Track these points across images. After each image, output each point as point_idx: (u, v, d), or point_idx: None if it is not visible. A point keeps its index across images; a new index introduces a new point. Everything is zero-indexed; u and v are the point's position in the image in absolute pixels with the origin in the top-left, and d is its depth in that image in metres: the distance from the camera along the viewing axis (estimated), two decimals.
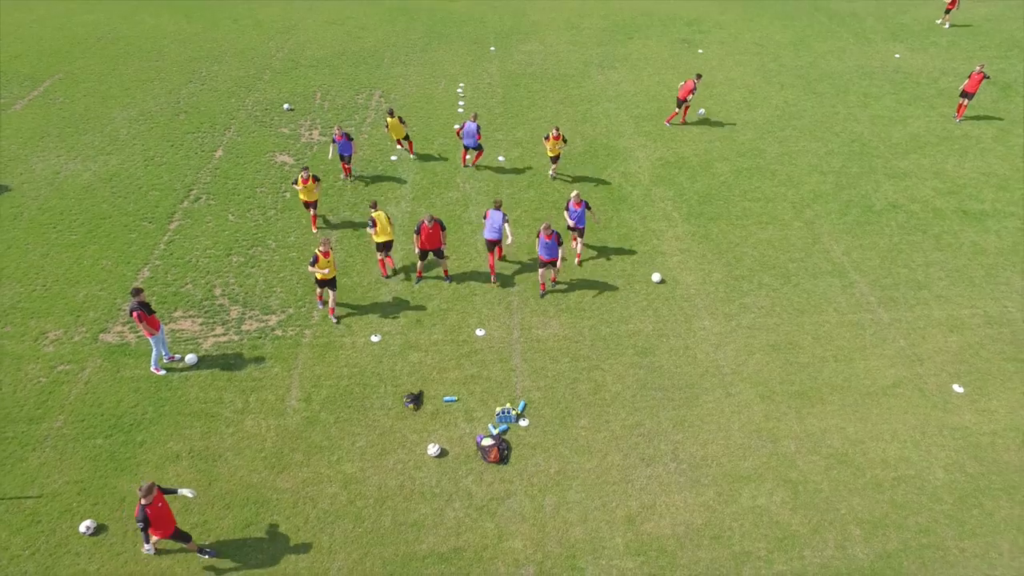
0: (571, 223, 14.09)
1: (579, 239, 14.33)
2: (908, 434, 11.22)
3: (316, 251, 12.34)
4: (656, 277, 14.08)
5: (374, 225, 13.32)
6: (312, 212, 15.16)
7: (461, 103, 20.87)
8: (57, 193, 16.45)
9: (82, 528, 9.46)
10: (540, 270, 13.47)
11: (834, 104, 21.37)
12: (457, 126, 18.71)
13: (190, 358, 12.09)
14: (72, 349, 12.33)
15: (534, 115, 20.32)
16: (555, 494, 10.21)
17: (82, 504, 9.87)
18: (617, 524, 9.79)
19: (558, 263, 13.12)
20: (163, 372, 11.82)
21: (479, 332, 12.94)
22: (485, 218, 13.56)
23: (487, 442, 10.78)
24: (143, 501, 8.26)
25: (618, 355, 12.55)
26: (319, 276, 12.49)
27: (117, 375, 11.86)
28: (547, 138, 16.52)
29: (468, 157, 17.70)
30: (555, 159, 16.90)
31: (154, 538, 8.78)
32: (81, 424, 11.00)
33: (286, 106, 20.34)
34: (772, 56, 24.50)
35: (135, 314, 10.99)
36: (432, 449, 10.73)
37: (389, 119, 17.24)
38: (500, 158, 18.20)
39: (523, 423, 11.25)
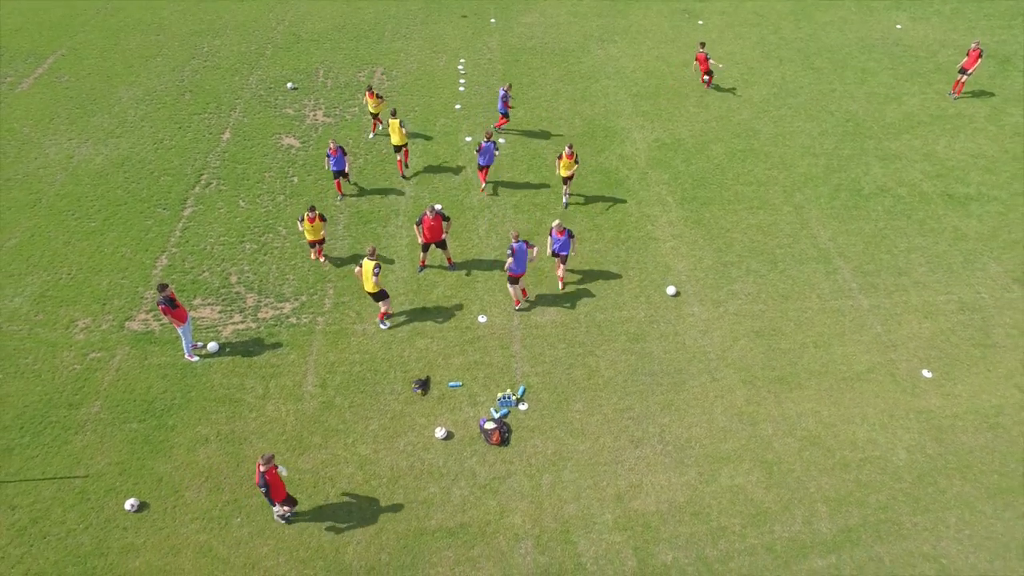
0: (551, 251, 13.78)
1: (562, 265, 14.02)
2: (877, 417, 12.19)
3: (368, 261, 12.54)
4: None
5: (387, 127, 16.92)
6: (317, 248, 14.56)
7: (462, 81, 21.11)
8: (72, 179, 17.01)
9: (127, 506, 10.53)
10: (510, 287, 13.49)
11: (831, 80, 21.58)
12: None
13: (212, 346, 12.97)
14: (101, 337, 13.20)
15: (534, 93, 20.61)
16: (551, 474, 11.24)
17: (124, 483, 10.92)
18: (607, 502, 10.86)
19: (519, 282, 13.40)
20: (196, 359, 12.72)
21: (481, 319, 13.77)
22: (478, 150, 16.03)
23: (489, 425, 11.75)
24: (262, 468, 9.44)
25: (611, 341, 13.41)
26: (369, 290, 12.75)
27: (145, 362, 12.77)
28: (560, 157, 15.47)
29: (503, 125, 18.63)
30: (567, 180, 15.84)
31: (283, 509, 10.08)
32: (116, 409, 11.97)
33: (290, 85, 20.61)
34: (772, 28, 24.48)
35: (162, 308, 11.82)
36: (439, 432, 11.72)
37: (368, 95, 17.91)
38: (501, 140, 18.62)
39: (522, 407, 12.21)
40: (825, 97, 20.82)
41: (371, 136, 18.46)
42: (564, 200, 16.35)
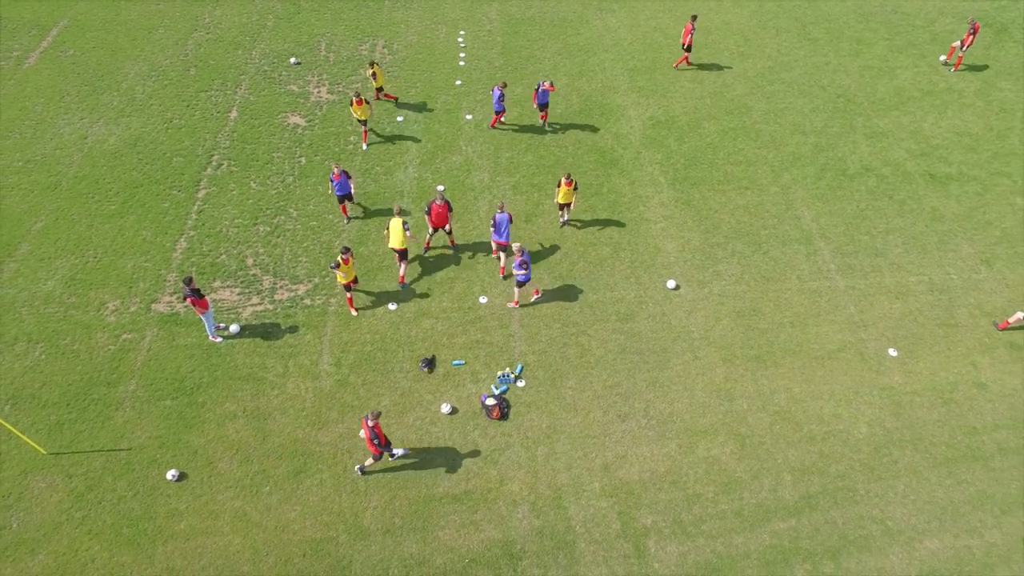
0: (519, 279, 13.93)
1: (519, 290, 14.23)
2: (843, 394, 13.38)
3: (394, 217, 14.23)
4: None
5: (374, 77, 18.40)
6: (349, 295, 14.25)
7: (463, 55, 21.41)
8: (89, 160, 17.70)
9: (169, 476, 11.85)
10: (499, 253, 15.04)
11: (826, 53, 21.85)
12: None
13: (233, 328, 14.05)
14: (131, 319, 14.27)
15: (533, 68, 20.95)
16: (546, 446, 12.52)
17: (164, 456, 12.21)
18: (595, 471, 12.17)
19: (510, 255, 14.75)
20: (220, 340, 13.82)
21: (482, 299, 14.80)
22: (492, 90, 17.76)
23: (490, 401, 12.96)
24: (370, 423, 11.01)
25: (603, 321, 14.48)
26: (393, 246, 14.34)
27: (173, 343, 13.88)
28: (559, 184, 15.24)
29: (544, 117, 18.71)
30: (565, 206, 15.59)
31: (372, 457, 11.79)
32: (151, 387, 13.16)
33: (293, 60, 20.93)
34: None
35: (189, 299, 12.84)
36: (445, 408, 12.94)
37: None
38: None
39: (520, 384, 13.39)
40: (819, 70, 21.16)
41: (365, 147, 17.98)
42: (561, 220, 16.06)
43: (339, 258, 13.52)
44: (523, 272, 13.66)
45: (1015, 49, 22.07)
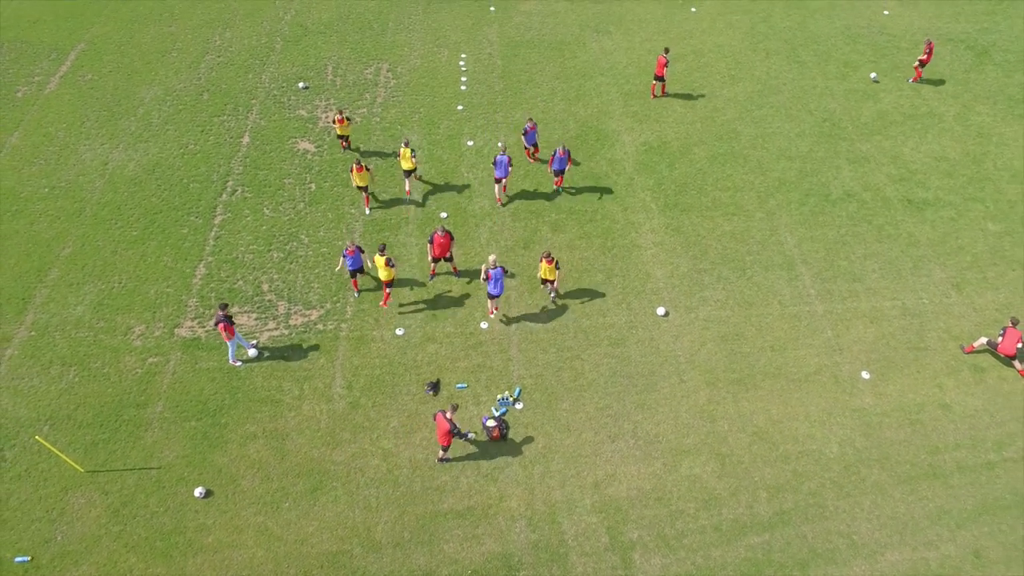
0: (491, 292, 14.95)
1: (495, 304, 15.43)
2: (818, 415, 14.44)
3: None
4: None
5: (341, 124, 19.09)
6: (388, 290, 15.72)
7: (464, 79, 22.28)
8: (110, 187, 18.68)
9: (196, 493, 12.95)
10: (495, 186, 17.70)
11: (814, 76, 22.72)
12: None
13: (252, 352, 15.11)
14: (155, 343, 15.32)
15: (531, 93, 21.85)
16: (542, 465, 13.61)
17: (191, 474, 13.31)
18: (587, 489, 13.26)
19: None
20: (239, 364, 14.88)
21: (483, 325, 15.83)
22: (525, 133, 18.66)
23: (491, 423, 14.02)
24: (448, 416, 12.45)
25: (595, 345, 15.52)
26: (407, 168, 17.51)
27: (196, 367, 14.94)
28: (540, 260, 15.29)
29: (558, 179, 18.37)
30: (550, 282, 15.54)
31: (442, 449, 13.19)
32: (176, 409, 14.24)
33: (301, 84, 21.82)
34: (763, 16, 25.27)
35: (221, 325, 13.88)
36: None
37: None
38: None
39: (519, 406, 14.46)
40: (806, 94, 22.04)
41: (368, 212, 17.91)
42: (551, 296, 15.99)
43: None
44: (492, 285, 14.67)
45: (994, 73, 22.92)
